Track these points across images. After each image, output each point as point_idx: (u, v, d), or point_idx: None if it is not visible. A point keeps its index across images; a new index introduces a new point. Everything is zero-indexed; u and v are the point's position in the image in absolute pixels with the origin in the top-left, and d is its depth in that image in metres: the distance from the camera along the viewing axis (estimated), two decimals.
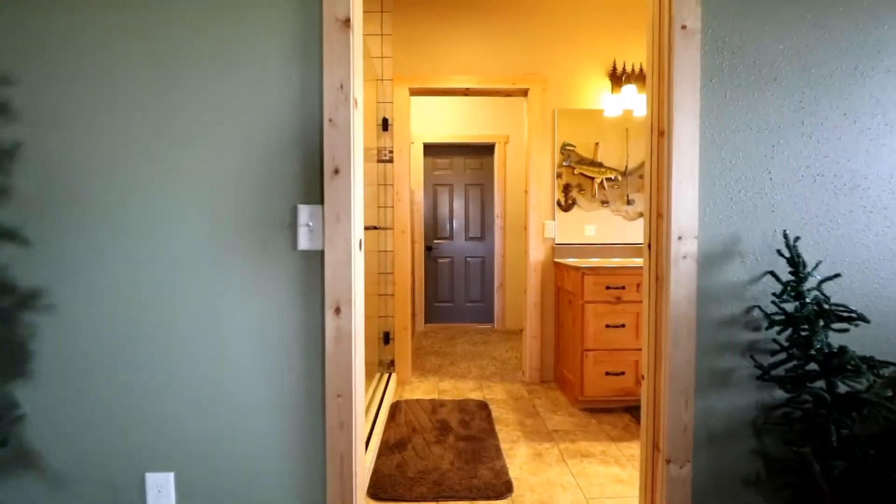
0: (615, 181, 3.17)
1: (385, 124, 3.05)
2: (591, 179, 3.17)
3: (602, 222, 3.14)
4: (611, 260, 3.01)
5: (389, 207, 3.08)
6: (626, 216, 3.17)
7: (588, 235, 3.15)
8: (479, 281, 4.91)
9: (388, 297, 3.10)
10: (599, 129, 3.13)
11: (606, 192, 3.17)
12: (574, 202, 3.15)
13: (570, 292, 2.80)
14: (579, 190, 3.15)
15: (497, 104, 4.67)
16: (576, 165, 3.14)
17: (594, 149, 3.14)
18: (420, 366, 3.51)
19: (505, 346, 4.12)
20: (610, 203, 3.18)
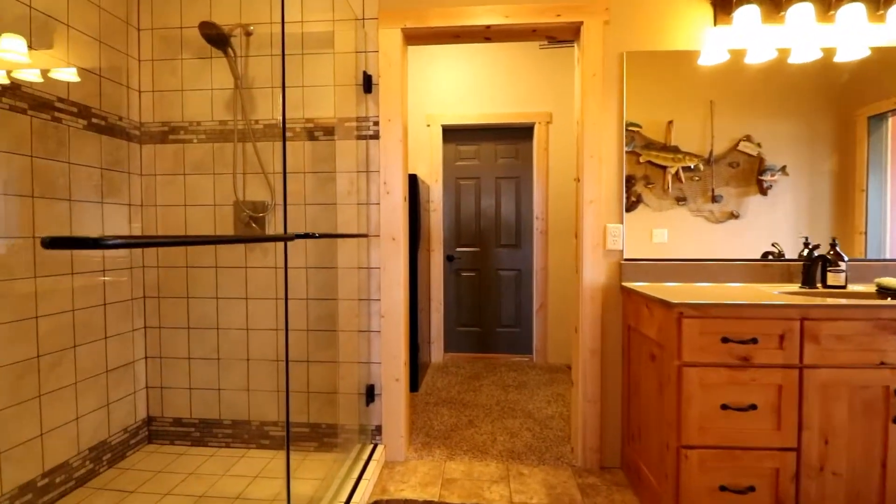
0: (695, 171, 2.07)
1: (367, 83, 2.08)
2: (663, 169, 2.07)
3: (677, 225, 2.05)
4: (724, 286, 1.89)
5: (374, 205, 2.11)
6: (711, 217, 2.06)
7: (658, 243, 2.05)
8: (514, 301, 3.84)
9: (373, 336, 2.12)
10: (677, 98, 2.03)
11: (683, 185, 2.07)
12: (639, 199, 2.06)
13: (652, 341, 1.72)
14: (646, 183, 2.07)
15: (536, 71, 3.60)
16: (641, 151, 2.06)
17: (666, 129, 2.05)
18: (425, 425, 2.51)
19: (546, 392, 3.04)
20: (688, 200, 2.08)
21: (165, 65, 2.20)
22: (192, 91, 2.19)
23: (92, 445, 1.93)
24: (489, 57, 3.65)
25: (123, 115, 2.12)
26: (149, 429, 2.25)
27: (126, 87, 2.14)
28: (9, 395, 1.60)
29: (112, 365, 2.05)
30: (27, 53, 1.73)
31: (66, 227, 1.82)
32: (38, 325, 1.71)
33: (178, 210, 2.20)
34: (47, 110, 1.74)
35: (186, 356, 2.22)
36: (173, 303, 2.22)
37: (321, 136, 2.13)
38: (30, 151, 1.68)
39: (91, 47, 1.94)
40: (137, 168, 2.20)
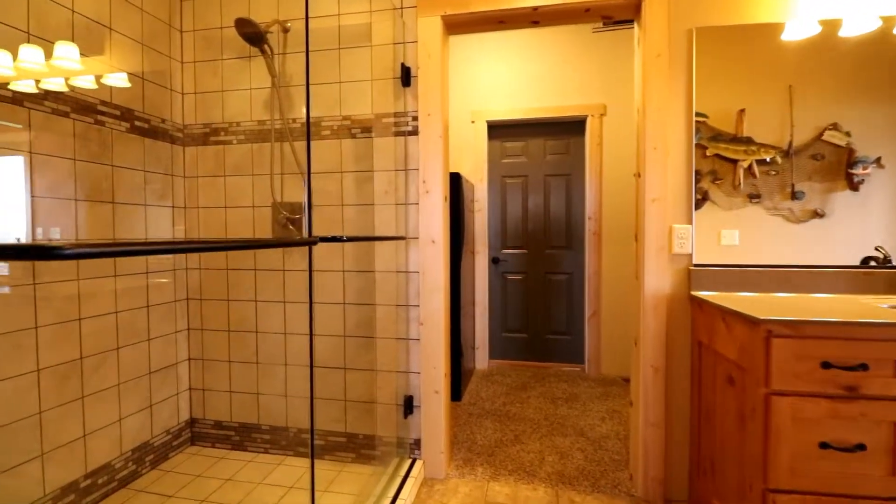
0: (771, 165, 1.78)
1: (406, 76, 1.96)
2: (733, 163, 1.80)
3: (750, 226, 1.77)
4: (813, 298, 1.61)
5: (413, 205, 1.98)
6: (790, 217, 1.76)
7: (727, 245, 1.79)
8: (565, 306, 3.61)
9: (411, 343, 2.00)
10: (750, 83, 1.76)
11: (757, 180, 1.79)
12: (705, 196, 1.81)
13: (730, 362, 1.47)
14: (713, 179, 1.80)
15: (589, 59, 3.35)
16: (708, 143, 1.80)
17: (737, 119, 1.78)
18: (467, 439, 2.36)
19: (600, 407, 2.80)
20: (763, 197, 1.79)
21: (207, 66, 2.19)
22: (231, 91, 2.16)
23: (135, 447, 1.94)
24: (537, 46, 3.44)
25: (167, 118, 2.12)
26: (192, 430, 2.25)
27: (169, 89, 2.14)
28: (53, 397, 1.61)
29: (155, 366, 2.05)
30: (79, 60, 1.75)
31: (109, 229, 1.83)
32: (82, 327, 1.72)
33: (219, 212, 2.18)
34: (90, 113, 1.75)
35: (227, 359, 2.20)
36: (214, 305, 2.20)
37: (358, 134, 2.03)
38: (72, 154, 1.69)
39: (135, 51, 1.95)
40: (181, 170, 2.20)
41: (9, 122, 1.48)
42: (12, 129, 1.49)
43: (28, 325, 1.53)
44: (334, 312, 2.07)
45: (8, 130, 1.48)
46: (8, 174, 1.49)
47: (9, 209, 1.50)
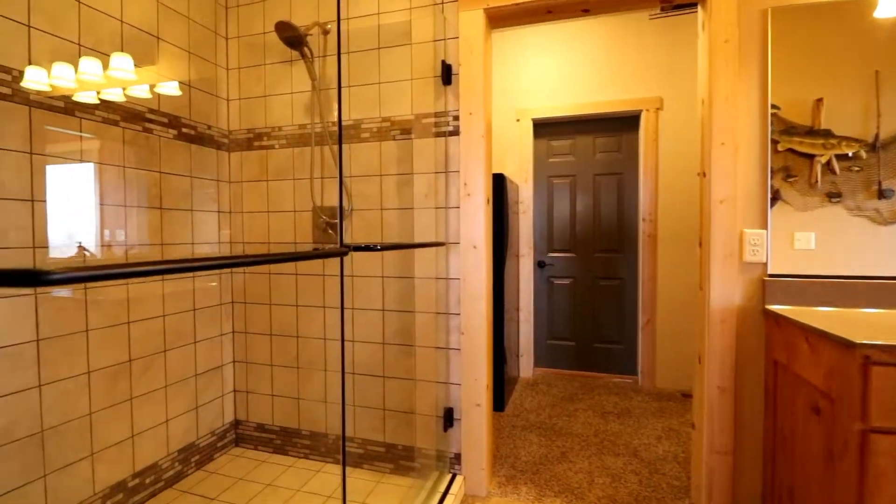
0: (854, 160, 1.56)
1: (446, 74, 1.88)
2: (809, 159, 1.59)
3: (828, 228, 1.56)
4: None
5: (453, 208, 1.90)
6: (876, 218, 1.52)
7: (801, 250, 1.58)
8: (615, 313, 3.40)
9: (452, 353, 1.92)
10: (829, 69, 1.55)
11: (837, 178, 1.57)
12: (777, 196, 1.60)
13: (815, 388, 1.28)
14: (786, 176, 1.60)
15: (643, 50, 3.14)
16: (780, 137, 1.60)
17: (813, 109, 1.56)
18: (510, 454, 2.25)
19: (655, 425, 2.60)
20: (844, 196, 1.57)
21: (251, 72, 2.20)
22: (274, 96, 2.16)
23: (181, 447, 1.98)
24: (585, 38, 3.26)
25: (213, 124, 2.15)
26: (236, 432, 2.28)
27: (215, 96, 2.17)
28: (103, 398, 1.65)
29: (201, 369, 2.09)
30: (134, 70, 1.80)
31: (158, 233, 1.87)
32: (131, 331, 1.76)
33: (262, 216, 2.20)
34: (138, 121, 1.79)
35: (269, 362, 2.20)
36: (257, 308, 2.22)
37: (398, 136, 1.97)
38: (122, 162, 1.73)
39: (182, 59, 1.98)
40: (226, 175, 2.23)
41: (73, 131, 1.53)
42: (73, 138, 1.54)
43: (79, 329, 1.58)
44: (373, 319, 2.02)
45: (69, 139, 1.53)
46: (65, 182, 1.54)
47: (70, 215, 1.55)
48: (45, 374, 1.47)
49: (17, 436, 1.39)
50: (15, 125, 1.40)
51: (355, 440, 2.06)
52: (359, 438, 2.06)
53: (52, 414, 1.49)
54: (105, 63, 1.68)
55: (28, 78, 1.44)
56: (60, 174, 1.53)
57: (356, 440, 2.06)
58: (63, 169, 1.54)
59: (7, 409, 1.37)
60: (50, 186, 1.49)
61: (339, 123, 1.48)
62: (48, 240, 1.49)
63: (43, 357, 1.46)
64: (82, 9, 1.58)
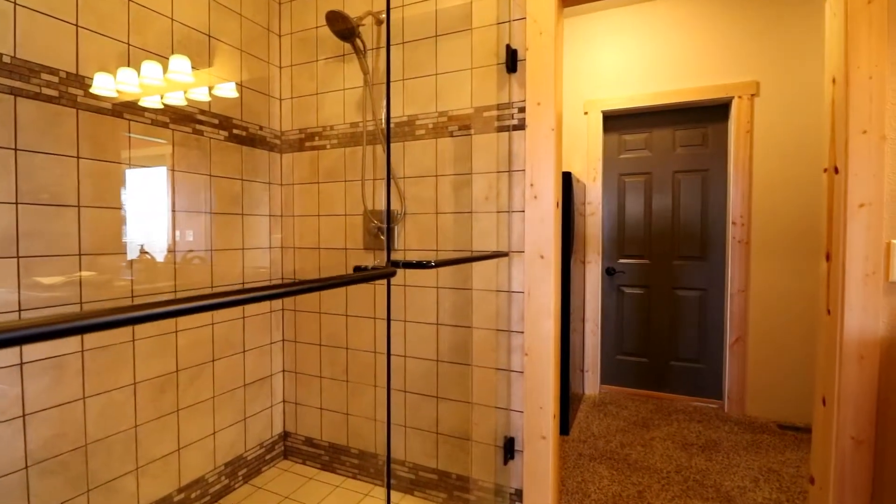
0: None
1: (511, 60, 1.66)
2: None
3: None
4: None
5: (517, 212, 1.68)
6: None
7: None
8: (696, 329, 3.02)
9: (514, 376, 1.70)
10: None
11: None
12: None
13: None
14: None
15: (735, 26, 2.73)
16: None
17: None
18: (578, 489, 1.99)
19: (751, 462, 2.23)
20: None
21: (303, 69, 2.10)
22: (326, 94, 2.05)
23: (228, 460, 1.91)
24: (663, 20, 2.90)
25: (264, 125, 2.08)
26: (284, 444, 2.19)
27: (268, 95, 2.09)
28: (150, 410, 1.60)
29: (250, 379, 2.01)
30: (191, 73, 1.75)
31: (206, 238, 1.81)
32: (178, 340, 1.70)
33: (313, 220, 2.09)
34: (189, 123, 1.72)
35: (318, 374, 2.10)
36: (307, 317, 2.11)
37: (455, 132, 1.78)
38: (171, 165, 1.67)
39: (233, 57, 1.91)
40: (277, 178, 2.15)
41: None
42: (123, 141, 1.49)
43: (125, 339, 1.52)
44: (426, 333, 1.85)
45: (118, 142, 1.48)
46: (133, 187, 1.50)
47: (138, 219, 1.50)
48: (89, 385, 1.42)
49: (61, 450, 1.35)
50: (61, 128, 1.35)
51: (406, 464, 1.90)
52: (410, 462, 1.89)
53: (96, 427, 1.44)
54: (165, 66, 1.63)
55: (96, 84, 1.40)
56: (130, 179, 1.48)
57: (407, 464, 1.90)
58: (132, 173, 1.49)
59: (51, 422, 1.33)
60: (98, 191, 1.44)
61: (387, 122, 1.31)
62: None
63: (88, 368, 1.41)
64: (132, 7, 1.52)
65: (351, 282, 0.79)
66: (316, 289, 0.75)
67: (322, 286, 0.75)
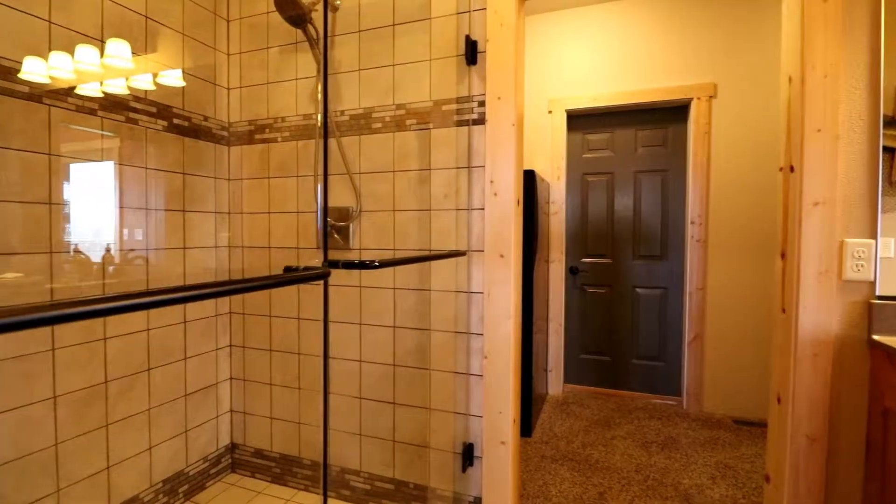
0: None
1: (471, 51, 1.60)
2: (891, 154, 1.28)
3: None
4: None
5: (477, 210, 1.62)
6: None
7: (880, 259, 1.23)
8: (656, 327, 3.05)
9: (473, 380, 1.64)
10: None
11: None
12: None
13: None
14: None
15: (694, 29, 2.77)
16: None
17: (895, 96, 1.23)
18: (539, 492, 1.95)
19: (707, 459, 2.25)
20: None
21: (253, 57, 1.97)
22: (277, 84, 1.93)
23: (167, 477, 1.76)
24: (625, 20, 2.92)
25: (210, 115, 1.93)
26: (232, 456, 2.06)
27: (214, 84, 1.95)
28: (73, 426, 1.45)
29: (192, 388, 1.87)
30: (131, 58, 1.60)
31: (147, 236, 1.66)
32: (107, 347, 1.55)
33: (263, 218, 1.96)
34: (121, 111, 1.57)
35: (268, 381, 1.97)
36: (257, 321, 1.99)
37: (414, 126, 1.71)
38: (102, 156, 1.52)
39: (175, 42, 1.76)
40: (224, 172, 2.01)
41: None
42: (40, 128, 1.33)
43: (44, 348, 1.37)
44: (383, 337, 1.76)
45: (34, 128, 1.32)
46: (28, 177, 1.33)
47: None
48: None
49: None
50: None
51: (361, 474, 1.81)
52: (365, 472, 1.80)
53: (7, 446, 1.28)
54: (102, 50, 1.48)
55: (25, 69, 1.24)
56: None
57: (362, 474, 1.81)
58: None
59: None
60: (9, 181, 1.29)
61: (324, 113, 1.23)
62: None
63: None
64: None
65: (278, 284, 0.70)
66: (236, 291, 0.66)
67: (245, 288, 0.66)
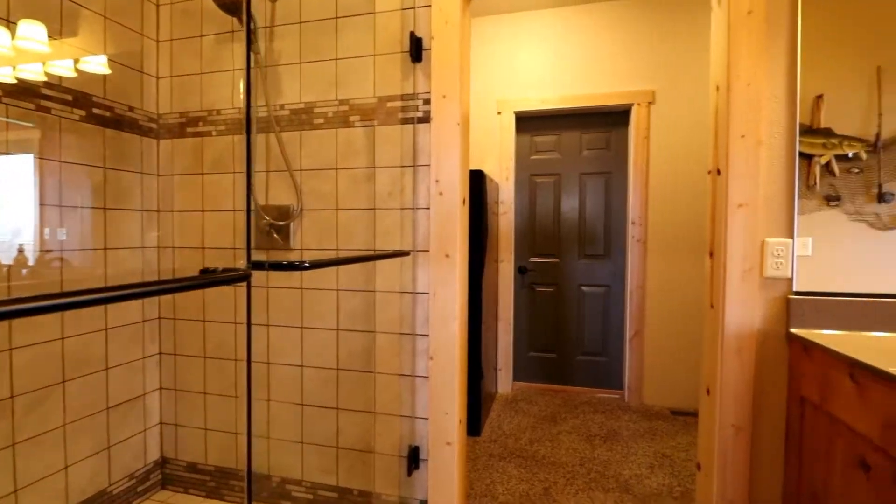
0: (853, 161, 1.38)
1: (416, 48, 1.57)
2: (808, 159, 1.38)
3: (825, 233, 1.37)
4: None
5: (423, 209, 1.59)
6: (876, 223, 1.35)
7: (799, 256, 1.35)
8: (600, 324, 3.16)
9: (418, 382, 1.61)
10: (830, 63, 1.37)
11: (836, 180, 1.37)
12: None
13: (864, 439, 1.03)
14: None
15: (635, 38, 2.89)
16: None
17: (813, 106, 1.36)
18: (487, 491, 1.96)
19: (646, 449, 2.35)
20: (843, 199, 1.38)
21: (186, 45, 1.85)
22: (212, 74, 1.82)
23: (86, 498, 1.62)
24: (573, 26, 3.00)
25: (136, 106, 1.79)
26: (162, 472, 1.92)
27: (141, 72, 1.81)
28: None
29: (116, 400, 1.73)
30: (47, 42, 1.45)
31: (65, 236, 1.51)
32: (12, 359, 1.39)
33: (196, 216, 1.85)
34: (29, 98, 1.42)
35: (202, 390, 1.86)
36: (189, 327, 1.86)
37: (357, 122, 1.66)
38: (7, 148, 1.37)
39: (95, 25, 1.62)
40: (153, 167, 1.87)
41: None
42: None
43: None
44: (326, 340, 1.70)
45: None
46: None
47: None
48: None
49: None
50: None
51: (303, 483, 1.74)
52: (307, 481, 1.73)
53: None
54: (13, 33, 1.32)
55: None
56: None
57: (304, 483, 1.74)
58: None
59: None
60: None
61: (247, 105, 1.18)
62: None
63: None
64: None
65: (189, 287, 0.65)
66: (143, 294, 0.60)
67: (151, 292, 0.60)
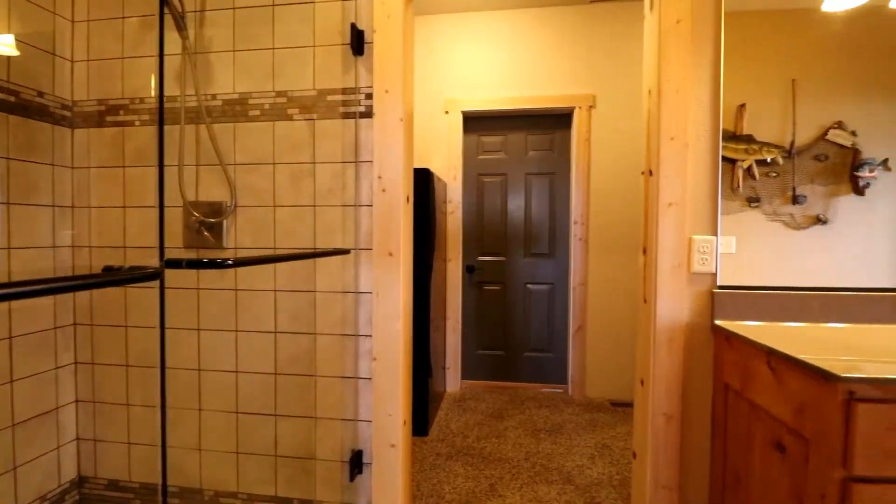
0: (772, 165, 1.50)
1: (357, 41, 1.53)
2: (732, 164, 1.50)
3: (747, 232, 1.49)
4: (845, 329, 1.27)
5: (365, 206, 1.55)
6: (790, 223, 1.48)
7: (723, 254, 1.47)
8: (545, 321, 3.24)
9: (361, 384, 1.57)
10: (752, 75, 1.49)
11: (756, 183, 1.50)
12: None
13: (779, 422, 1.11)
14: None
15: (577, 44, 2.99)
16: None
17: (737, 115, 1.48)
18: (433, 492, 1.95)
19: (588, 441, 2.43)
20: (762, 201, 1.50)
21: (105, 27, 1.70)
22: (135, 59, 1.68)
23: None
24: (519, 29, 3.05)
25: (47, 91, 1.63)
26: (80, 491, 1.75)
27: (53, 54, 1.65)
28: None
29: (24, 415, 1.56)
30: None
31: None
32: None
33: (117, 213, 1.70)
34: None
35: (125, 402, 1.71)
36: (109, 333, 1.71)
37: (296, 115, 1.59)
38: None
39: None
40: (66, 159, 1.71)
41: None
42: None
43: None
44: (263, 343, 1.62)
45: None
46: None
47: None
48: None
49: None
50: None
51: (239, 496, 1.65)
52: (243, 493, 1.64)
53: None
54: None
55: None
56: None
57: (240, 496, 1.65)
58: None
59: None
60: None
61: (160, 95, 1.11)
62: None
63: None
64: None
65: (83, 286, 0.58)
66: (26, 294, 0.53)
67: (39, 291, 0.53)
